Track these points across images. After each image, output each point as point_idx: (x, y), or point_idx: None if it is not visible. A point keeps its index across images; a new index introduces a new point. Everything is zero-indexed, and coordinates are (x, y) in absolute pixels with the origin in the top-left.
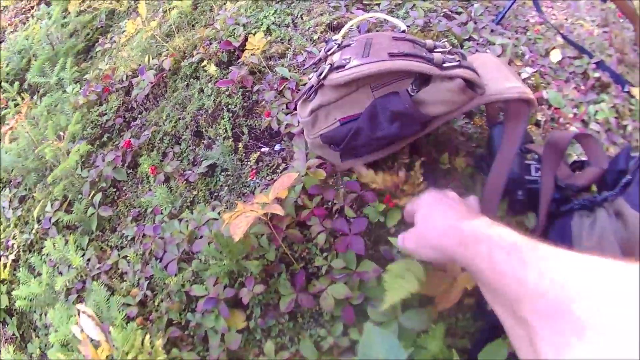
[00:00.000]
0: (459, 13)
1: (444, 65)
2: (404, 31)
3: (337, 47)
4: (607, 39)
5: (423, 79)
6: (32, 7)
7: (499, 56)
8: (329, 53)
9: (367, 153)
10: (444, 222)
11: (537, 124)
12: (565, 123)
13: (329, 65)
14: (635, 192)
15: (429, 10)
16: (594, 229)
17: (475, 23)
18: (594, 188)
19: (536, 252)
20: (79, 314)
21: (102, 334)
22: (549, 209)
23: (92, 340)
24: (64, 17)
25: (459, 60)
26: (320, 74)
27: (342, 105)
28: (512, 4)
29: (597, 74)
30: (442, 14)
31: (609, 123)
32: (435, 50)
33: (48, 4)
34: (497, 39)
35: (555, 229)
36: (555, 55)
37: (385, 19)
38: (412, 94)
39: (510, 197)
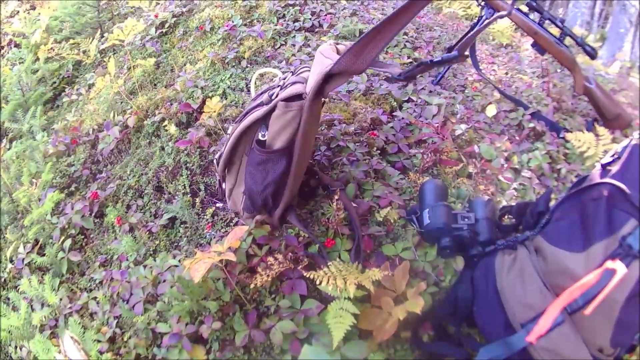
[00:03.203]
0: None
1: (272, 98)
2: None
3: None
4: (545, 89)
5: (266, 122)
6: (2, 48)
7: (434, 116)
8: None
9: (275, 201)
10: None
11: (469, 176)
12: (492, 174)
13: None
14: (553, 230)
15: (371, 74)
16: (515, 264)
17: (415, 85)
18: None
19: None
20: (62, 343)
21: (86, 357)
22: (475, 252)
23: None
24: (34, 63)
25: (280, 85)
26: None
27: (239, 182)
28: (450, 66)
29: (531, 124)
30: (383, 78)
31: (542, 169)
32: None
33: (18, 46)
34: (434, 100)
35: (480, 267)
36: (491, 110)
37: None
38: (264, 138)
39: (439, 244)
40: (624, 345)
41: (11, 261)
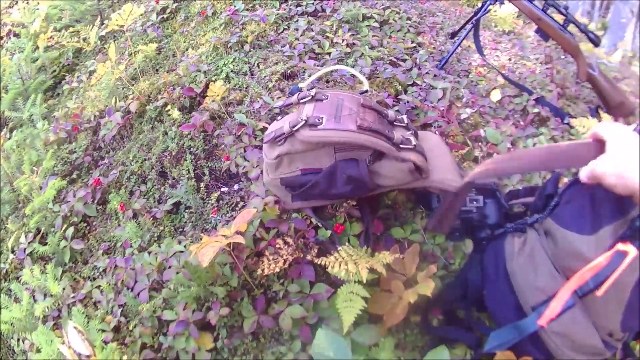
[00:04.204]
0: (404, 60)
1: (401, 146)
2: (366, 91)
3: (311, 98)
4: (549, 75)
5: (380, 153)
6: (1, 38)
7: (439, 100)
8: (301, 101)
9: (315, 199)
10: None
11: (476, 159)
12: None
13: (303, 121)
14: (563, 212)
15: (376, 58)
16: (525, 247)
17: (419, 69)
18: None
19: None
20: (65, 334)
21: (90, 347)
22: (484, 235)
23: (79, 355)
24: (33, 52)
25: (414, 145)
26: (294, 125)
27: (306, 157)
28: (455, 49)
29: (536, 110)
30: (388, 62)
31: None
32: (395, 123)
33: (17, 36)
34: (439, 84)
35: (490, 250)
36: (496, 95)
37: (352, 74)
38: (369, 164)
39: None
40: (633, 330)
41: (12, 251)
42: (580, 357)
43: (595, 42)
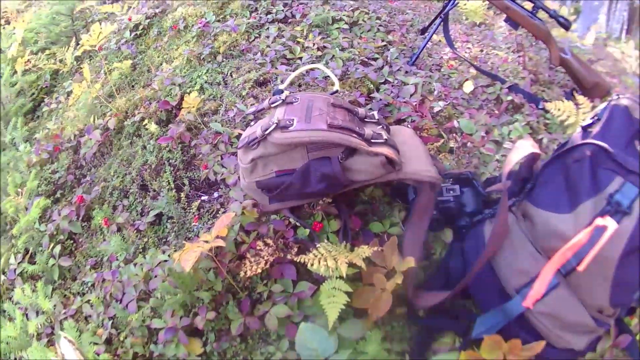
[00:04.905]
0: (375, 59)
1: (372, 141)
2: (337, 91)
3: (282, 102)
4: (521, 63)
5: (352, 150)
6: None
7: (412, 95)
8: (272, 105)
9: (292, 200)
10: None
11: (451, 150)
12: (474, 147)
13: (275, 124)
14: (539, 194)
15: (347, 59)
16: None
17: (391, 67)
18: None
19: None
20: (58, 347)
21: (82, 356)
22: (463, 223)
23: None
24: (12, 76)
25: (385, 139)
26: (265, 129)
27: (280, 159)
28: (425, 45)
29: (509, 97)
30: (359, 62)
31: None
32: (366, 119)
33: None
34: (411, 79)
35: (470, 237)
36: (468, 86)
37: (327, 75)
38: (341, 161)
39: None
40: (624, 305)
41: (4, 273)
42: (571, 336)
43: (566, 25)
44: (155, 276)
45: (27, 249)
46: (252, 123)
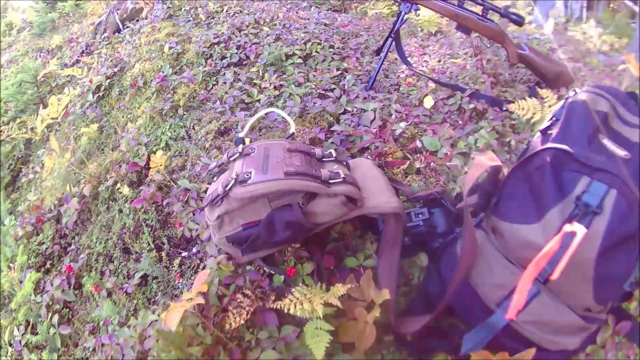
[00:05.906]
0: (332, 89)
1: (331, 181)
2: (293, 134)
3: (239, 154)
4: (479, 67)
5: (312, 194)
6: None
7: (372, 121)
8: (231, 159)
9: (262, 249)
10: None
11: (418, 171)
12: (438, 166)
13: (234, 179)
14: (505, 206)
15: (304, 95)
16: None
17: (348, 95)
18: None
19: None
20: None
21: None
22: (437, 245)
23: None
24: None
25: (343, 177)
26: (226, 185)
27: (245, 212)
28: (379, 67)
29: (472, 105)
30: (316, 95)
31: (491, 146)
32: (323, 159)
33: None
34: (370, 105)
35: (444, 258)
36: (428, 102)
37: (283, 117)
38: (302, 206)
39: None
40: (612, 299)
41: (10, 345)
42: (563, 338)
43: (519, 22)
44: (149, 336)
45: (27, 321)
46: (214, 179)
